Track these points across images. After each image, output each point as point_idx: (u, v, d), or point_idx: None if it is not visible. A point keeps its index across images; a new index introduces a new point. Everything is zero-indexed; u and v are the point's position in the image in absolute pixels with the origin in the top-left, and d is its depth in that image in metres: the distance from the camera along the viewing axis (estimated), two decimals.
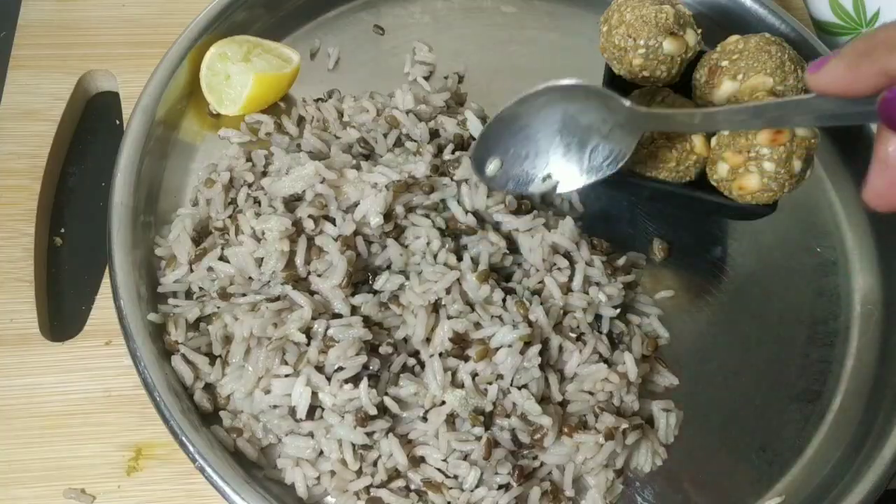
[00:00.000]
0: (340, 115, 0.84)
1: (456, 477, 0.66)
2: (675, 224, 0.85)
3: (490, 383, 0.67)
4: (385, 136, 0.80)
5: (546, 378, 0.69)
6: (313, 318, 0.68)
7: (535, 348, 0.68)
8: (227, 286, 0.72)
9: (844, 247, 0.87)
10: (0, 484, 0.68)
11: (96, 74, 0.90)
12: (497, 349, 0.68)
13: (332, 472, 0.66)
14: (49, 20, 0.92)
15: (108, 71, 0.90)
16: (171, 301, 0.73)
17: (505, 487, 0.66)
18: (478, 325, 0.69)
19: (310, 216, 0.72)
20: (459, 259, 0.73)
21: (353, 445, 0.66)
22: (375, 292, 0.72)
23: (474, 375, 0.67)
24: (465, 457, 0.66)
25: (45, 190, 0.83)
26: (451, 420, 0.67)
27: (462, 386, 0.67)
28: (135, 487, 0.69)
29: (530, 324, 0.69)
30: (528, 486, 0.67)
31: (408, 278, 0.72)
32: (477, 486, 0.66)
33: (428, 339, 0.69)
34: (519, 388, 0.68)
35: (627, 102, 0.66)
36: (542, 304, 0.71)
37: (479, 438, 0.66)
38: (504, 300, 0.71)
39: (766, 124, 0.62)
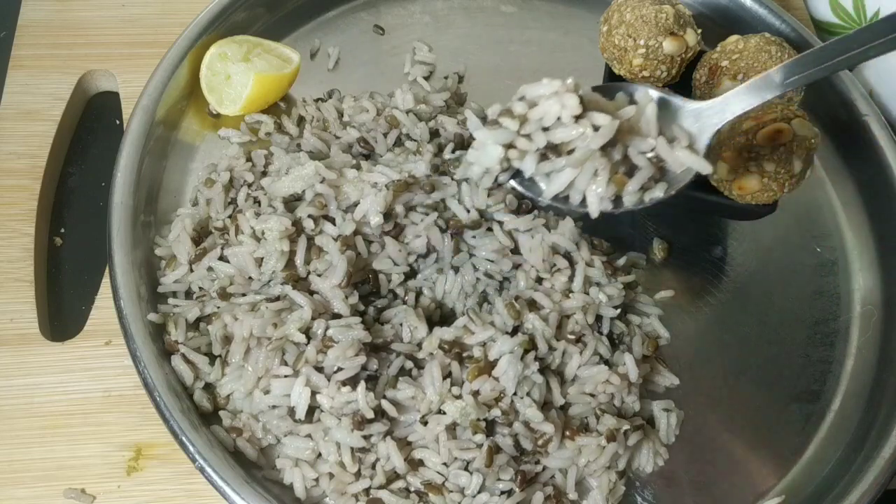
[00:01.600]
0: (340, 114, 0.84)
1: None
2: (675, 224, 0.85)
3: (496, 399, 0.67)
4: (385, 135, 0.80)
5: (547, 382, 0.69)
6: (313, 319, 0.68)
7: (533, 353, 0.67)
8: (226, 286, 0.72)
9: (844, 247, 0.87)
10: (0, 484, 0.68)
11: (96, 74, 0.90)
12: (496, 361, 0.67)
13: (331, 475, 0.66)
14: (49, 20, 0.92)
15: (108, 71, 0.90)
16: (171, 301, 0.73)
17: (507, 493, 0.66)
18: (466, 329, 0.69)
19: (310, 216, 0.72)
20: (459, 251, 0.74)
21: (351, 448, 0.65)
22: (376, 292, 0.73)
23: (475, 394, 0.67)
24: (467, 465, 0.66)
25: (45, 190, 0.83)
26: (451, 428, 0.66)
27: (461, 397, 0.67)
28: (135, 487, 0.69)
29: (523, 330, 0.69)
30: (530, 491, 0.67)
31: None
32: (479, 492, 0.66)
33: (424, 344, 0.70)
34: (521, 397, 0.67)
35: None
36: (534, 311, 0.70)
37: (480, 446, 0.66)
38: (491, 298, 0.71)
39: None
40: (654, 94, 0.59)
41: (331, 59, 0.92)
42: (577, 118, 0.52)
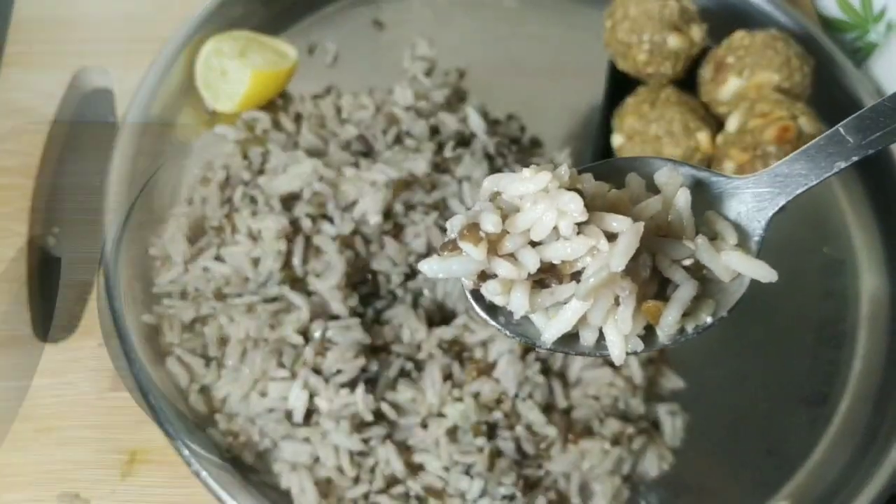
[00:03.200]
0: (339, 111, 0.83)
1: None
2: None
3: (498, 401, 0.66)
4: (384, 132, 0.79)
5: (550, 385, 0.68)
6: (311, 320, 0.67)
7: (533, 354, 0.67)
8: (222, 286, 0.71)
9: (852, 247, 0.86)
10: None
11: (90, 71, 0.89)
12: (495, 362, 0.66)
13: (329, 479, 0.65)
14: (43, 16, 0.91)
15: (102, 68, 0.89)
16: (165, 302, 0.72)
17: (510, 498, 0.65)
18: (466, 328, 0.68)
19: (307, 215, 0.71)
20: None
21: (350, 452, 0.65)
22: (375, 293, 0.72)
23: (476, 395, 0.66)
24: (468, 469, 0.65)
25: (39, 188, 0.82)
26: (452, 431, 0.66)
27: (462, 399, 0.66)
28: (129, 491, 0.68)
29: None
30: (533, 496, 0.66)
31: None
32: (480, 497, 0.65)
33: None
34: (523, 399, 0.67)
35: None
36: None
37: (481, 450, 0.65)
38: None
39: None
40: (682, 171, 0.43)
41: (329, 54, 0.91)
42: (582, 225, 0.37)
